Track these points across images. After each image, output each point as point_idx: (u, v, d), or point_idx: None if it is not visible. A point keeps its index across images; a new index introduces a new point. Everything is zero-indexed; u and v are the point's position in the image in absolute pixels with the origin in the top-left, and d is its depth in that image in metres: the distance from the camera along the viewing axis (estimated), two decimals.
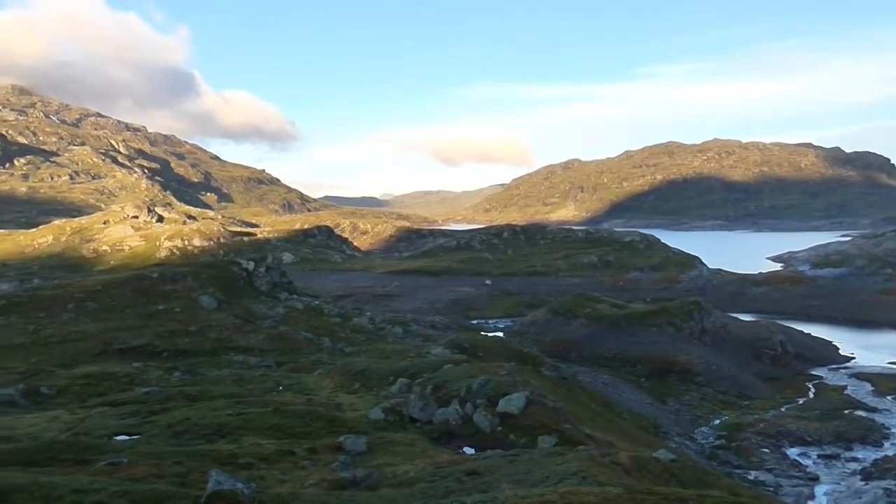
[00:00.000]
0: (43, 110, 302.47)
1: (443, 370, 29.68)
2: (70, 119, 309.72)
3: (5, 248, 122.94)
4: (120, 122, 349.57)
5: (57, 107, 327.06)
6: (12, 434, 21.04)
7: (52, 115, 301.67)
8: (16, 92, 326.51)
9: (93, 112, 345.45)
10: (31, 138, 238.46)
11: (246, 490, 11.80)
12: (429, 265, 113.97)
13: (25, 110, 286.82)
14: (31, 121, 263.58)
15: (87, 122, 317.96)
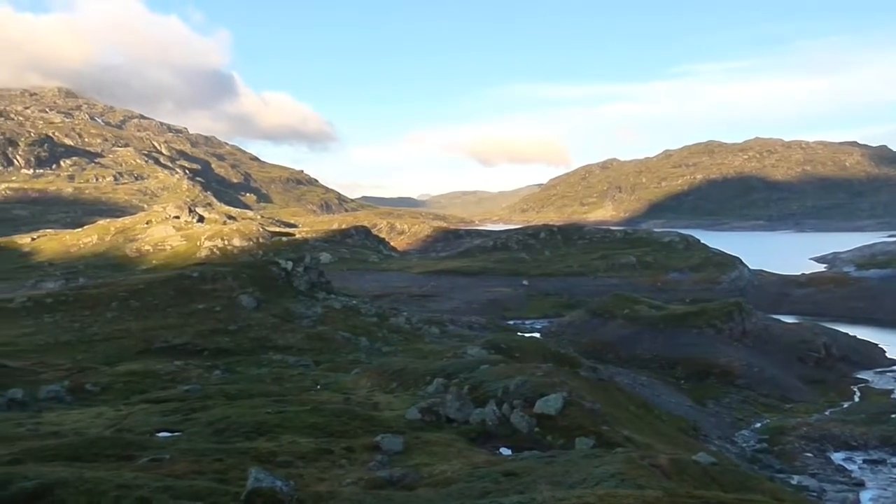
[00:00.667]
0: (88, 113, 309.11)
1: (479, 370, 29.62)
2: (114, 121, 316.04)
3: (52, 248, 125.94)
4: (162, 124, 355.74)
5: (102, 109, 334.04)
6: (59, 429, 21.53)
7: (97, 117, 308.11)
8: (62, 95, 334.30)
9: (136, 114, 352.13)
10: (77, 140, 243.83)
11: (285, 488, 11.90)
12: (465, 265, 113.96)
13: (72, 113, 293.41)
14: (77, 123, 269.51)
15: (131, 124, 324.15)
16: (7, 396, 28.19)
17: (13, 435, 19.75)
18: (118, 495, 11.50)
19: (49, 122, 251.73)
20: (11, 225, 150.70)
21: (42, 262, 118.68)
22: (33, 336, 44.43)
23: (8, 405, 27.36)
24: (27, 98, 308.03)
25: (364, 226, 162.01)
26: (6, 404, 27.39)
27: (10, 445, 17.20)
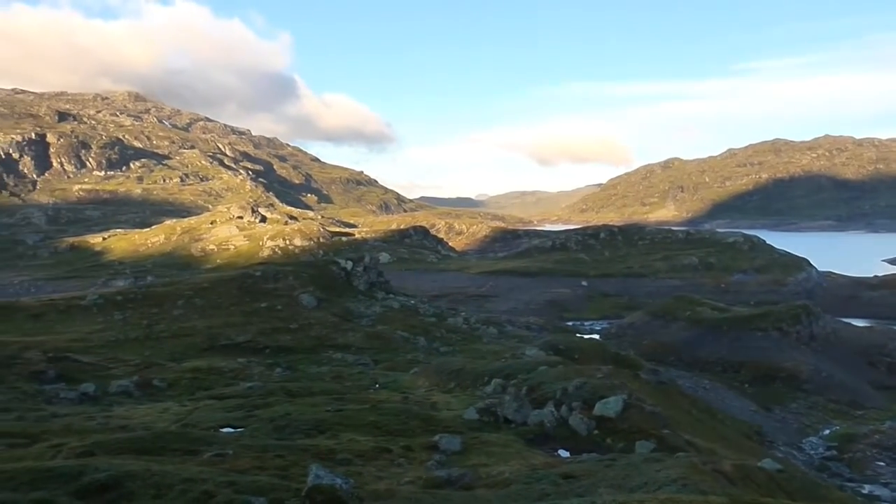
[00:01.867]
0: (157, 116, 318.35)
1: (538, 371, 29.44)
2: (181, 124, 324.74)
3: (122, 247, 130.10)
4: (226, 126, 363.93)
5: (169, 112, 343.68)
6: (128, 423, 22.21)
7: (165, 120, 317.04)
8: (132, 99, 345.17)
9: (201, 117, 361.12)
10: (146, 142, 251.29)
11: (344, 485, 12.03)
12: (524, 266, 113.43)
13: (141, 116, 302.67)
14: (146, 126, 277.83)
15: (197, 127, 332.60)
16: (79, 391, 29.23)
17: (85, 428, 20.45)
18: (184, 489, 11.80)
19: (119, 126, 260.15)
20: (84, 225, 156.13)
21: (112, 260, 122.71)
22: (104, 332, 45.92)
23: (80, 399, 28.37)
24: (99, 102, 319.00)
25: (422, 226, 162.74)
26: (78, 398, 28.40)
27: (83, 438, 17.81)
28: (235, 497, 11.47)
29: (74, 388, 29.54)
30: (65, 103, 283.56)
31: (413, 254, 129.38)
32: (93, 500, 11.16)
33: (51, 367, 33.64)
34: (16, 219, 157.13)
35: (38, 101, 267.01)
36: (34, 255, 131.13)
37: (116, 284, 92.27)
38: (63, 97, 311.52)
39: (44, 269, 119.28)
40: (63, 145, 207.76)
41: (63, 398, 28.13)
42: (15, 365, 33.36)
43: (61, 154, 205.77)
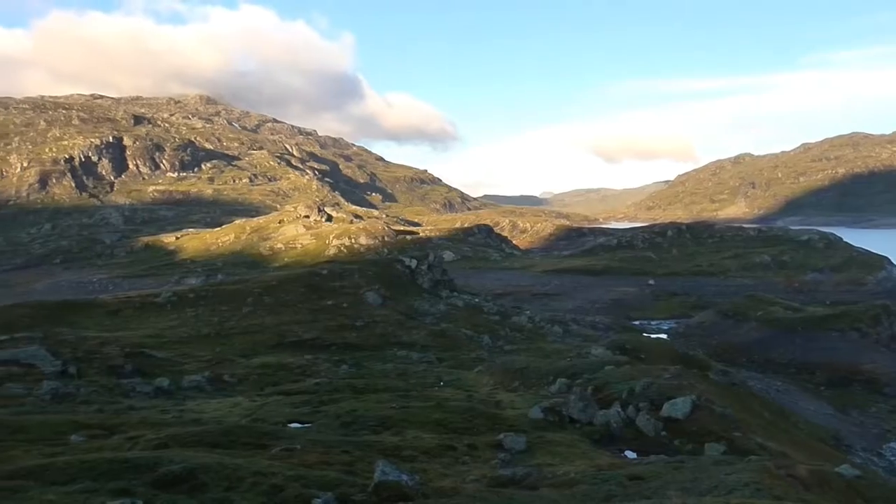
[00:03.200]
0: (226, 118, 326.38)
1: (604, 371, 29.10)
2: (250, 125, 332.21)
3: (194, 246, 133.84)
4: (293, 127, 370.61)
5: (238, 114, 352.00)
6: (200, 417, 22.83)
7: (235, 122, 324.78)
8: (203, 102, 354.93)
9: (269, 118, 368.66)
10: (217, 144, 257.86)
11: (410, 482, 12.11)
12: (589, 264, 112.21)
13: (211, 118, 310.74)
14: (216, 128, 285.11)
15: (265, 128, 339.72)
16: (154, 385, 30.20)
17: (160, 421, 21.11)
18: (254, 482, 12.07)
19: (191, 128, 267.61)
20: (158, 225, 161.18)
21: (185, 259, 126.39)
22: (177, 329, 47.30)
23: (155, 393, 29.31)
24: (172, 105, 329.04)
25: (486, 224, 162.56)
26: (153, 392, 29.35)
27: (158, 431, 18.38)
28: (304, 491, 11.67)
29: (150, 383, 30.54)
30: (140, 107, 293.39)
31: (477, 252, 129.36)
32: (168, 490, 11.51)
33: (128, 361, 34.85)
34: (95, 219, 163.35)
35: (115, 106, 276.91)
36: (111, 253, 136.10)
37: (189, 282, 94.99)
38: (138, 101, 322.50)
39: (120, 268, 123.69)
40: (138, 148, 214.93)
41: (139, 392, 29.11)
42: (94, 359, 34.67)
43: (137, 156, 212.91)
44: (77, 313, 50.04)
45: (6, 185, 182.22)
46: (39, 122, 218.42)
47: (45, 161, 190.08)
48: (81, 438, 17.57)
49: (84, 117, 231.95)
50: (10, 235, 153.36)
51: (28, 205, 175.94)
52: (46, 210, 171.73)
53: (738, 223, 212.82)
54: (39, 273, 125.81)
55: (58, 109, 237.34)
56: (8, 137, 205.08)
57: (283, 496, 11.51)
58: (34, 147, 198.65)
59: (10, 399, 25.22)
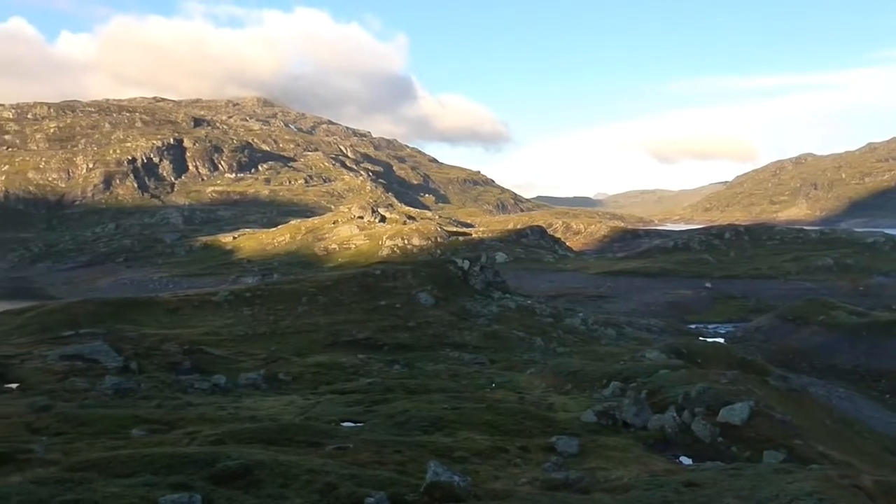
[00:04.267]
0: (283, 120, 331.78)
1: (658, 375, 28.65)
2: (305, 127, 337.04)
3: (250, 246, 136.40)
4: (348, 129, 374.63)
5: (294, 116, 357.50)
6: (255, 414, 23.22)
7: (291, 123, 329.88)
8: (260, 104, 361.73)
9: (324, 120, 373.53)
10: (273, 146, 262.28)
11: (462, 483, 12.11)
12: (644, 266, 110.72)
13: (268, 120, 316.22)
14: (273, 130, 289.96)
15: (320, 130, 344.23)
16: (211, 382, 30.84)
17: (217, 417, 21.54)
18: (308, 479, 12.22)
19: (249, 130, 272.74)
20: (216, 225, 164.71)
21: (242, 259, 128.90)
22: (234, 327, 48.22)
23: (212, 389, 29.93)
24: (230, 108, 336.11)
25: (539, 225, 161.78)
26: (211, 389, 29.97)
27: (215, 427, 18.76)
28: (357, 490, 11.76)
29: (207, 379, 31.19)
30: (199, 110, 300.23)
31: (530, 253, 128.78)
32: (225, 486, 11.74)
33: (186, 358, 35.67)
34: (156, 219, 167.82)
35: (176, 109, 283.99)
36: (172, 252, 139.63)
37: (245, 281, 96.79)
38: (198, 104, 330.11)
39: (180, 267, 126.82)
40: (198, 149, 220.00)
41: (197, 388, 29.76)
42: (154, 356, 35.59)
43: (196, 158, 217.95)
44: (138, 311, 51.43)
45: (73, 186, 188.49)
46: (104, 125, 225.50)
47: (110, 162, 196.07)
48: (142, 433, 18.04)
49: (146, 120, 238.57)
50: (75, 234, 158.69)
51: (93, 205, 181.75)
52: (110, 210, 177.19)
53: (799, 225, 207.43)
54: (103, 271, 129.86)
55: (122, 112, 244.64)
56: (74, 140, 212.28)
57: (337, 494, 11.62)
58: (99, 149, 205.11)
59: (74, 393, 26.06)
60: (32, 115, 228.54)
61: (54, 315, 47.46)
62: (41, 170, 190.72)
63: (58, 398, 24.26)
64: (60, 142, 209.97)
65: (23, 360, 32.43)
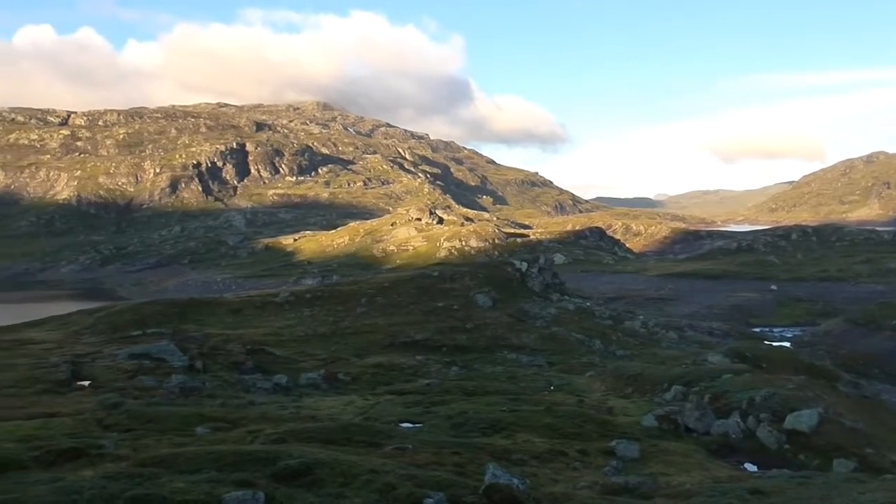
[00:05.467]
0: (342, 123, 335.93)
1: (721, 379, 28.04)
2: (364, 130, 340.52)
3: (310, 248, 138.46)
4: (406, 131, 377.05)
5: (353, 119, 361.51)
6: (316, 414, 23.55)
7: (350, 127, 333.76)
8: (320, 108, 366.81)
9: (383, 123, 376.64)
10: (332, 149, 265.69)
11: (521, 486, 12.05)
12: (706, 268, 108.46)
13: (328, 124, 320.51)
14: (332, 133, 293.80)
15: (378, 133, 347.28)
16: (273, 381, 31.43)
17: (278, 416, 21.92)
18: (368, 479, 12.33)
19: (309, 134, 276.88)
20: (277, 227, 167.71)
21: (302, 261, 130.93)
22: (294, 328, 49.00)
23: (274, 389, 30.49)
24: (291, 112, 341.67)
25: (598, 227, 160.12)
26: (272, 388, 30.53)
27: (276, 426, 19.09)
28: (416, 490, 11.81)
29: (269, 379, 31.80)
30: (261, 114, 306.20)
31: (589, 255, 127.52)
32: (287, 484, 11.93)
33: (249, 358, 36.41)
34: (219, 221, 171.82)
35: (238, 114, 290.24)
36: (234, 254, 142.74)
37: (305, 283, 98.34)
38: (259, 109, 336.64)
39: (242, 268, 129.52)
40: (260, 153, 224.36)
41: (259, 388, 30.35)
42: (218, 355, 36.42)
43: (258, 161, 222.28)
44: (203, 311, 52.70)
45: (141, 190, 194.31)
46: (170, 130, 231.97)
47: (176, 167, 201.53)
48: (206, 430, 18.47)
49: (210, 125, 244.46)
50: (143, 237, 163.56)
51: (160, 208, 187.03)
52: (176, 213, 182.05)
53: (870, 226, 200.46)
54: (170, 272, 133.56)
55: (187, 118, 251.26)
56: (142, 145, 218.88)
57: (396, 494, 11.69)
58: (165, 154, 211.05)
59: (142, 390, 26.86)
60: (103, 122, 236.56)
61: (123, 315, 48.99)
62: (111, 175, 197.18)
63: (127, 396, 25.04)
64: (129, 147, 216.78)
65: (94, 359, 33.58)
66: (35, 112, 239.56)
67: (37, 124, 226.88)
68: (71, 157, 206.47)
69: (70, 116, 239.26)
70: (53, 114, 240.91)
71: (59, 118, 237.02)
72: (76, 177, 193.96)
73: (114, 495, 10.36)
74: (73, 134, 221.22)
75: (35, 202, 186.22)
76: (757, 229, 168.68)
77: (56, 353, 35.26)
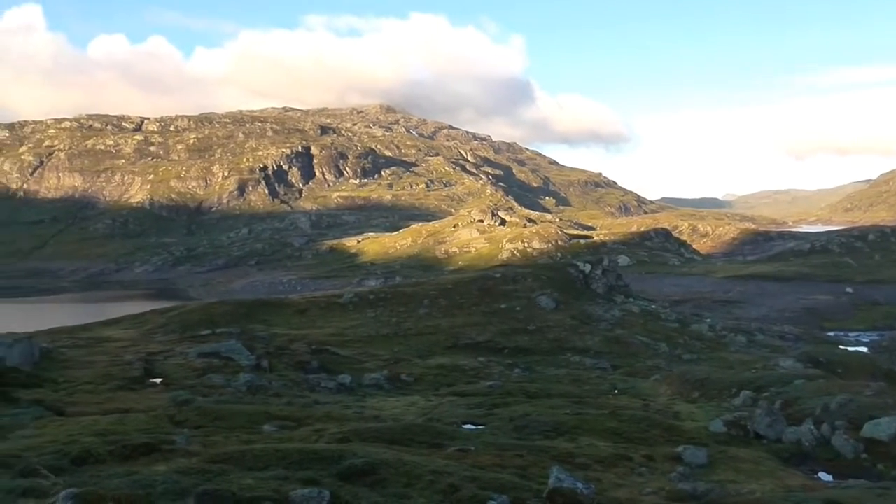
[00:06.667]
0: (405, 126, 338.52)
1: (793, 385, 27.22)
2: (426, 132, 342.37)
3: (374, 249, 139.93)
4: (468, 133, 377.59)
5: (416, 122, 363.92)
6: (379, 414, 23.78)
7: (412, 129, 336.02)
8: (383, 111, 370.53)
9: (445, 125, 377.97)
10: (395, 151, 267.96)
11: (585, 490, 11.91)
12: (777, 270, 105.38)
13: (391, 127, 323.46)
14: (395, 136, 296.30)
15: (441, 135, 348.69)
16: (337, 381, 31.85)
17: (342, 416, 22.20)
18: (431, 480, 12.37)
19: (372, 136, 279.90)
20: (341, 229, 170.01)
21: (365, 262, 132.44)
22: (358, 328, 49.58)
23: (338, 388, 30.89)
24: (354, 115, 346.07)
25: (664, 228, 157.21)
26: (336, 388, 30.94)
27: (341, 425, 19.34)
28: (479, 492, 11.80)
29: (333, 379, 32.24)
30: (325, 118, 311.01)
31: (654, 257, 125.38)
32: (352, 483, 12.07)
33: (314, 358, 37.01)
34: (285, 224, 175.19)
35: (303, 118, 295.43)
36: (300, 256, 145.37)
37: (369, 284, 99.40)
38: (324, 112, 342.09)
39: (307, 269, 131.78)
40: (324, 156, 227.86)
41: (323, 387, 30.81)
42: (284, 355, 37.14)
43: (323, 164, 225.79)
44: (269, 311, 53.80)
45: (210, 193, 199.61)
46: (238, 135, 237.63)
47: (243, 170, 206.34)
48: (273, 428, 18.83)
49: (276, 129, 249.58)
50: (212, 238, 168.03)
51: (228, 211, 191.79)
52: (244, 216, 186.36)
53: None
54: (237, 273, 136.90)
55: (254, 122, 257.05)
56: (211, 149, 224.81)
57: (459, 496, 11.70)
58: (233, 158, 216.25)
59: (212, 388, 27.57)
60: (174, 128, 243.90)
61: (193, 315, 50.40)
62: (182, 178, 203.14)
63: (197, 393, 25.75)
64: (199, 152, 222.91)
65: (166, 357, 34.64)
66: (111, 119, 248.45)
67: (112, 130, 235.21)
68: (144, 162, 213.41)
69: (143, 122, 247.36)
70: (128, 120, 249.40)
71: (133, 124, 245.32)
72: (149, 180, 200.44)
73: (185, 490, 10.64)
74: (147, 139, 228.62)
75: (111, 205, 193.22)
76: (831, 230, 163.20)
77: (130, 351, 36.50)
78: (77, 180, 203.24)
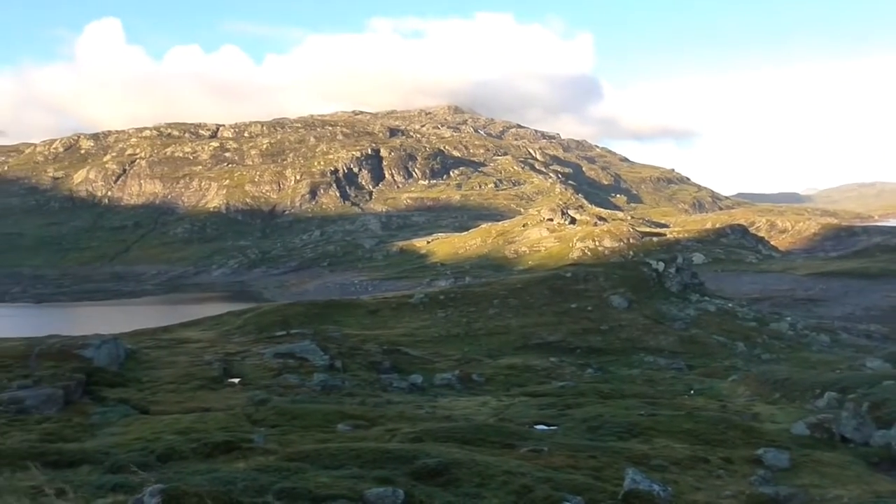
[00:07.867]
0: (473, 126, 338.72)
1: (881, 386, 26.07)
2: (494, 132, 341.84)
3: (443, 250, 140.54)
4: (536, 132, 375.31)
5: (484, 122, 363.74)
6: (451, 414, 23.86)
7: (480, 129, 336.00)
8: (451, 111, 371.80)
9: (513, 124, 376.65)
10: (464, 151, 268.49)
11: (662, 492, 11.69)
12: (862, 266, 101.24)
13: (459, 127, 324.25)
14: (463, 136, 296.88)
15: (509, 134, 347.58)
16: (409, 381, 32.12)
17: (415, 416, 22.36)
18: (504, 480, 12.34)
19: (440, 137, 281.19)
20: (411, 230, 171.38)
21: (435, 262, 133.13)
22: (429, 328, 49.89)
23: (409, 388, 31.15)
24: (423, 117, 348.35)
25: (740, 224, 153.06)
26: (408, 388, 31.21)
27: (413, 425, 19.47)
28: (552, 493, 11.71)
29: (405, 379, 32.54)
30: (394, 120, 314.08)
31: (730, 254, 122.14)
32: (425, 482, 12.14)
33: (386, 358, 37.42)
34: (356, 225, 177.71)
35: (373, 120, 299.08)
36: (371, 257, 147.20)
37: (439, 284, 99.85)
38: (393, 115, 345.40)
39: (378, 270, 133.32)
40: (394, 158, 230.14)
41: (395, 387, 31.11)
42: (357, 355, 37.65)
43: (392, 166, 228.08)
44: (341, 312, 54.65)
45: (283, 197, 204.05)
46: (309, 139, 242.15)
47: (315, 174, 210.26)
48: (347, 428, 19.11)
49: (346, 132, 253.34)
50: (285, 241, 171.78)
51: (300, 214, 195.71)
52: (316, 218, 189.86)
53: None
54: (310, 275, 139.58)
55: (324, 126, 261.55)
56: (284, 154, 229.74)
57: (532, 497, 11.63)
58: (305, 161, 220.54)
59: (287, 388, 28.17)
60: (248, 134, 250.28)
61: (268, 316, 51.60)
62: (256, 183, 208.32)
63: (273, 392, 26.36)
64: (272, 156, 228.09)
65: (243, 357, 35.56)
66: (188, 126, 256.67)
67: (189, 138, 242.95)
68: (220, 168, 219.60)
69: (219, 129, 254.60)
70: (204, 127, 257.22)
71: (209, 131, 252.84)
72: (225, 185, 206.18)
73: (264, 487, 10.90)
74: (222, 146, 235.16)
75: (189, 210, 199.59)
76: None
77: (209, 351, 37.60)
78: (157, 187, 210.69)
